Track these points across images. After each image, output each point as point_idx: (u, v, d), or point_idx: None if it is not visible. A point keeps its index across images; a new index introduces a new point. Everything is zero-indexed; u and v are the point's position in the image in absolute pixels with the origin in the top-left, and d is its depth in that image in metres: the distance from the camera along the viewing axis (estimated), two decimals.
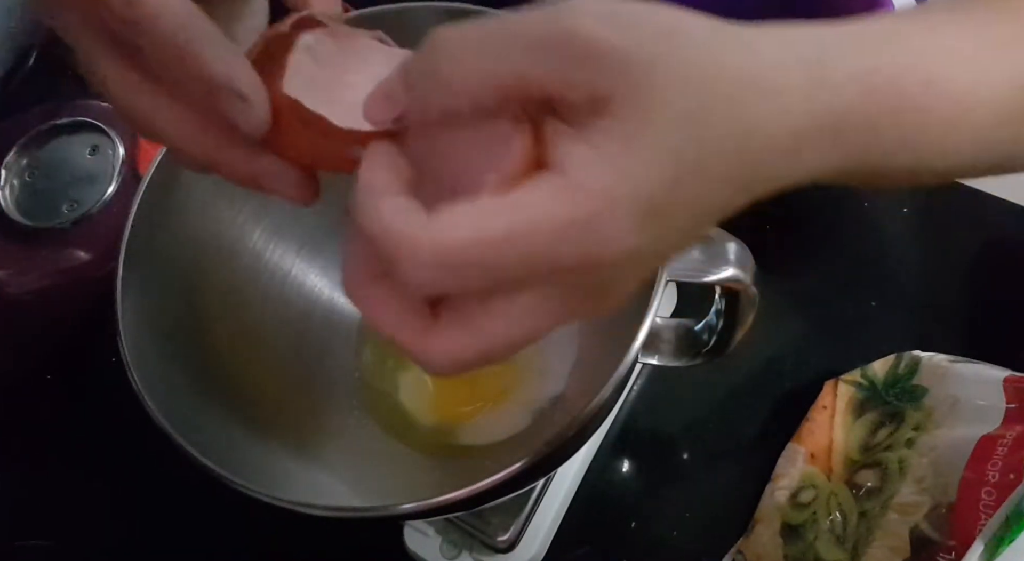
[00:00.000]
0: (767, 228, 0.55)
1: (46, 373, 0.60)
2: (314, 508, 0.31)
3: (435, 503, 0.30)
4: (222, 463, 0.32)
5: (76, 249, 0.58)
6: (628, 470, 0.51)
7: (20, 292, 0.58)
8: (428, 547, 0.46)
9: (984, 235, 0.54)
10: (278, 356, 0.44)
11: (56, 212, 0.58)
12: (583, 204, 0.20)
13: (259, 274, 0.44)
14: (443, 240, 0.20)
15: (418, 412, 0.46)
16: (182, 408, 0.34)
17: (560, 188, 0.20)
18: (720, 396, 0.51)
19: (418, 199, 0.22)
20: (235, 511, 0.36)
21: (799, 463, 0.47)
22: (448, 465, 0.44)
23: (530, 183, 0.21)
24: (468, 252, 0.20)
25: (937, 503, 0.40)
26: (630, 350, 0.31)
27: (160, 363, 0.36)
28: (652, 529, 0.48)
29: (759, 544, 0.45)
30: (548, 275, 0.21)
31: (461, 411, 0.46)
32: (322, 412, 0.45)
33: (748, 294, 0.35)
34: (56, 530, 0.55)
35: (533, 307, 0.22)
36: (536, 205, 0.20)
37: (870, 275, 0.54)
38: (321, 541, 0.50)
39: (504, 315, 0.22)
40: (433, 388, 0.46)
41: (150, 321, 0.37)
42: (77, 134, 0.60)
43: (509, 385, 0.46)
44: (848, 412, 0.48)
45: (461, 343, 0.22)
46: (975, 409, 0.42)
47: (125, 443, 0.49)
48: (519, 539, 0.46)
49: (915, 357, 0.47)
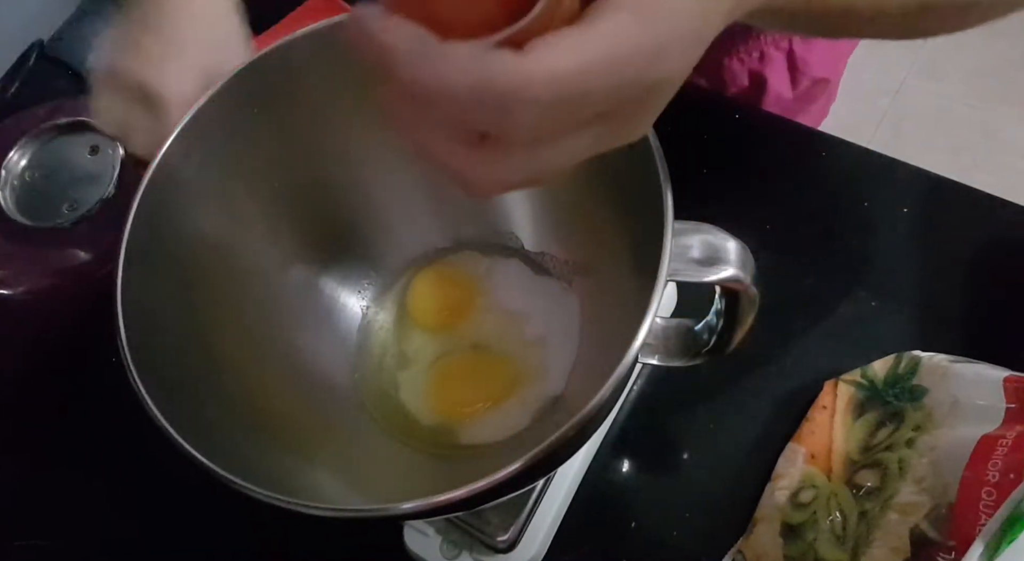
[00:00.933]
0: (767, 228, 0.55)
1: (46, 373, 0.60)
2: (314, 508, 0.31)
3: (435, 503, 0.30)
4: (222, 463, 0.32)
5: (76, 249, 0.58)
6: (628, 470, 0.51)
7: (20, 292, 0.58)
8: (428, 547, 0.46)
9: (984, 235, 0.54)
10: (278, 356, 0.44)
11: (56, 212, 0.58)
12: (661, 34, 0.22)
13: (259, 274, 0.44)
14: (555, 71, 0.21)
15: (418, 412, 0.46)
16: (182, 408, 0.34)
17: (635, 21, 0.22)
18: (720, 396, 0.51)
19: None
20: (235, 511, 0.36)
21: (799, 463, 0.47)
22: (448, 465, 0.44)
23: (600, 15, 0.22)
24: (577, 81, 0.21)
25: (937, 503, 0.40)
26: (630, 350, 0.31)
27: (160, 363, 0.36)
28: (652, 529, 0.48)
29: (759, 544, 0.45)
30: (623, 102, 0.23)
31: (461, 411, 0.46)
32: (322, 412, 0.45)
33: (748, 294, 0.35)
34: (56, 530, 0.55)
35: (587, 137, 0.24)
36: (622, 35, 0.22)
37: (870, 275, 0.54)
38: (321, 541, 0.50)
39: (555, 145, 0.23)
40: (433, 388, 0.46)
41: (150, 321, 0.37)
42: (77, 134, 0.60)
43: (509, 385, 0.46)
44: (848, 412, 0.48)
45: (509, 163, 0.23)
46: (975, 409, 0.42)
47: (125, 443, 0.49)
48: (519, 539, 0.46)
49: (915, 357, 0.47)
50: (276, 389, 0.43)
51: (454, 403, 0.46)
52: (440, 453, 0.45)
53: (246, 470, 0.32)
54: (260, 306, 0.44)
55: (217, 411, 0.38)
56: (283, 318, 0.45)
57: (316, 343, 0.47)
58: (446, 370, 0.47)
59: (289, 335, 0.45)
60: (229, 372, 0.40)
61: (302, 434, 0.43)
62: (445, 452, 0.45)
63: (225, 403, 0.38)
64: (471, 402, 0.45)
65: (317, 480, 0.40)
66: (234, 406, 0.39)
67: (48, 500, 0.57)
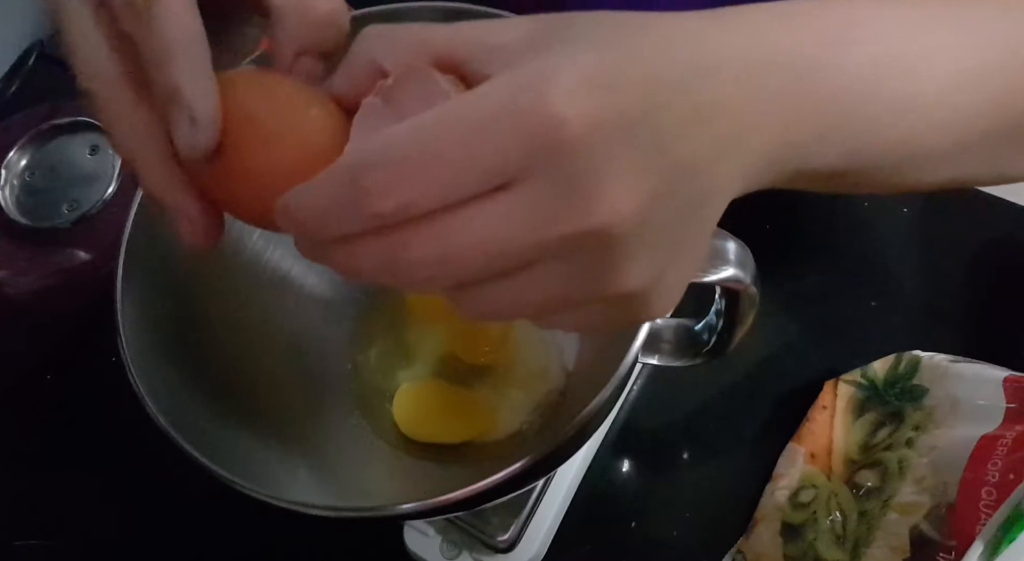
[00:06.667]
0: (767, 228, 0.55)
1: (46, 373, 0.60)
2: (314, 508, 0.31)
3: (435, 503, 0.30)
4: (222, 463, 0.32)
5: (76, 249, 0.58)
6: (628, 470, 0.51)
7: (20, 292, 0.58)
8: (428, 547, 0.46)
9: (984, 235, 0.54)
10: (278, 356, 0.44)
11: (56, 212, 0.58)
12: (518, 78, 0.20)
13: (259, 274, 0.44)
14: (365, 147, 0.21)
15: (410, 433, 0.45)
16: (182, 408, 0.34)
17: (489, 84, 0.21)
18: (720, 396, 0.51)
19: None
20: (235, 511, 0.36)
21: (799, 463, 0.47)
22: (448, 465, 0.44)
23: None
24: (400, 147, 0.20)
25: (937, 503, 0.40)
26: (630, 350, 0.31)
27: (160, 363, 0.36)
28: (652, 529, 0.48)
29: (759, 544, 0.45)
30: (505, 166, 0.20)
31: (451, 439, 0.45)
32: (322, 412, 0.45)
33: (748, 294, 0.35)
34: (55, 530, 0.55)
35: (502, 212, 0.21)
36: (466, 95, 0.21)
37: (870, 275, 0.54)
38: (321, 541, 0.50)
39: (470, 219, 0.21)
40: (413, 423, 0.45)
41: (150, 321, 0.37)
42: (77, 134, 0.60)
43: (487, 418, 0.45)
44: (848, 412, 0.48)
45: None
46: (975, 409, 0.42)
47: (125, 443, 0.49)
48: (519, 539, 0.46)
49: (915, 357, 0.47)
50: (276, 389, 0.43)
51: (446, 432, 0.45)
52: (440, 454, 0.45)
53: (247, 470, 0.32)
54: (260, 306, 0.44)
55: (217, 411, 0.38)
56: (283, 318, 0.45)
57: (316, 344, 0.47)
58: (422, 404, 0.46)
59: (289, 336, 0.45)
60: (229, 373, 0.40)
61: (302, 434, 0.43)
62: (445, 452, 0.45)
63: (225, 403, 0.38)
64: (464, 434, 0.45)
65: (317, 480, 0.40)
66: (234, 406, 0.39)
67: (48, 500, 0.57)
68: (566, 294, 0.22)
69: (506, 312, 0.22)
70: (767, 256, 0.36)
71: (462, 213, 0.21)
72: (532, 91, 0.20)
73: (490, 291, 0.22)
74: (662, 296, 0.23)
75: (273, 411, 0.42)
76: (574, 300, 0.22)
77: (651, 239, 0.21)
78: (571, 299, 0.22)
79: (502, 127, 0.20)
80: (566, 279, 0.21)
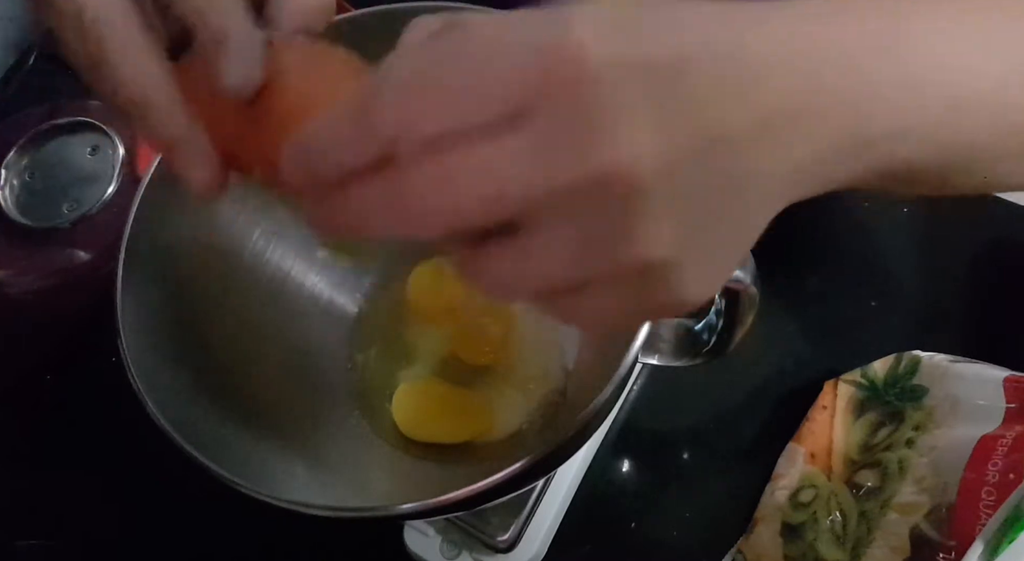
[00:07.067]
0: (767, 228, 0.55)
1: (46, 373, 0.60)
2: (314, 508, 0.31)
3: (435, 503, 0.30)
4: (222, 463, 0.32)
5: (76, 249, 0.58)
6: (628, 470, 0.51)
7: (20, 292, 0.58)
8: (428, 547, 0.46)
9: (984, 235, 0.54)
10: (278, 356, 0.44)
11: (56, 212, 0.58)
12: (542, 13, 0.19)
13: (259, 274, 0.44)
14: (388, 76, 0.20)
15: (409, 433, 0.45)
16: (182, 408, 0.34)
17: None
18: (720, 396, 0.51)
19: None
20: (235, 511, 0.36)
21: (799, 463, 0.47)
22: (448, 465, 0.44)
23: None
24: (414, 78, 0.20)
25: (937, 503, 0.40)
26: (630, 350, 0.31)
27: (160, 363, 0.36)
28: (652, 529, 0.48)
29: (759, 544, 0.45)
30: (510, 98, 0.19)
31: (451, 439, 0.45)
32: (321, 412, 0.45)
33: (748, 294, 0.35)
34: (56, 529, 0.55)
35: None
36: (484, 24, 0.20)
37: (870, 275, 0.54)
38: (321, 541, 0.50)
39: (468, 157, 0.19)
40: (411, 423, 0.46)
41: (150, 321, 0.37)
42: (77, 134, 0.60)
43: (487, 418, 0.45)
44: (848, 412, 0.48)
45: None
46: (975, 409, 0.42)
47: (125, 443, 0.49)
48: (519, 539, 0.46)
49: (915, 357, 0.47)
50: (276, 389, 0.43)
51: (444, 432, 0.45)
52: (439, 454, 0.45)
53: (247, 470, 0.32)
54: (260, 306, 0.44)
55: (217, 411, 0.38)
56: (283, 318, 0.45)
57: (316, 344, 0.47)
58: (422, 404, 0.46)
59: (289, 336, 0.45)
60: (229, 372, 0.40)
61: (302, 434, 0.43)
62: (444, 452, 0.45)
63: (225, 403, 0.38)
64: (461, 435, 0.45)
65: (317, 480, 0.40)
66: (234, 406, 0.39)
67: (48, 500, 0.57)
68: (577, 261, 0.20)
69: (511, 282, 0.21)
70: (767, 256, 0.36)
71: (465, 147, 0.19)
72: (555, 24, 0.18)
73: (494, 252, 0.20)
74: (691, 278, 0.20)
75: (273, 411, 0.42)
76: (586, 272, 0.20)
77: (679, 206, 0.19)
78: (583, 269, 0.20)
79: (517, 55, 0.18)
80: (576, 243, 0.19)
